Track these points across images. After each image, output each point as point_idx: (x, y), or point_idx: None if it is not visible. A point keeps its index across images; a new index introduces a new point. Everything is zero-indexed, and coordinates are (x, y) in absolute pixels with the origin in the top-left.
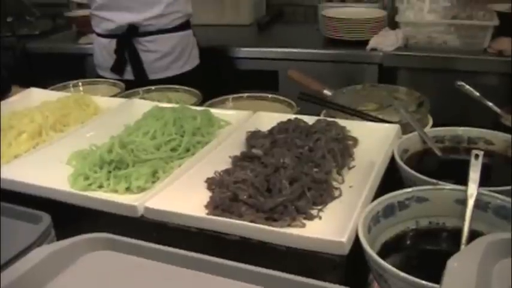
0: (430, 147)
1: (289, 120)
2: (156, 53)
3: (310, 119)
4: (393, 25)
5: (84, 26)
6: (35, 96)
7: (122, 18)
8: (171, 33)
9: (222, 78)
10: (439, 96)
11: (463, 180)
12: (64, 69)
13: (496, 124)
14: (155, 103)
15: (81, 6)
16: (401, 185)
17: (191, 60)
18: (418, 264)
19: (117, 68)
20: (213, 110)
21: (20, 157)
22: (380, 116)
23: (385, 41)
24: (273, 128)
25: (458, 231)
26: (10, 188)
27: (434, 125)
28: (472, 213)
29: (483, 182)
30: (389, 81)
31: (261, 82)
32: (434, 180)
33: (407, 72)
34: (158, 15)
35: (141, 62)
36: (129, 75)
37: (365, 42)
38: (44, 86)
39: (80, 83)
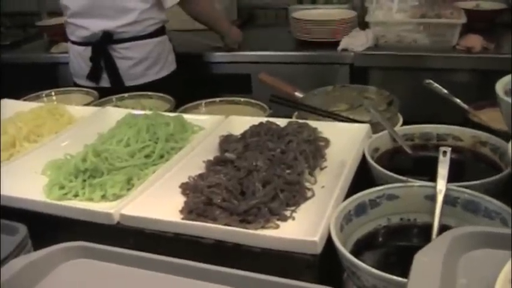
0: (400, 145)
1: (261, 123)
2: (131, 60)
3: (282, 122)
4: (363, 25)
5: (56, 35)
6: (8, 108)
7: (96, 25)
8: (146, 40)
9: (197, 83)
10: (410, 94)
11: (434, 176)
12: (37, 79)
13: (465, 120)
14: (128, 111)
15: (52, 15)
16: (373, 184)
17: (167, 66)
18: (390, 261)
19: (93, 76)
20: (186, 116)
21: None
22: (351, 116)
23: (356, 42)
24: (245, 132)
25: (428, 227)
26: None
27: (405, 123)
28: (441, 208)
29: (452, 178)
30: (361, 81)
31: (234, 85)
32: (404, 178)
33: (378, 72)
34: (132, 22)
35: (116, 69)
36: (105, 82)
37: (336, 43)
38: (17, 96)
39: (53, 93)
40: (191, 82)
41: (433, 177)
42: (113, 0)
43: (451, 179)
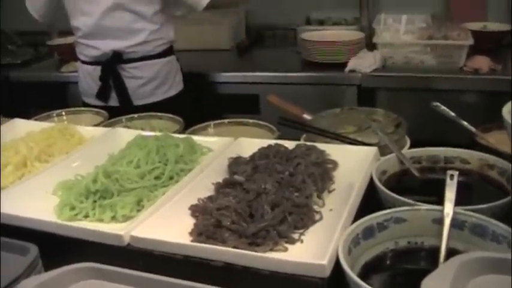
0: (408, 168)
1: (269, 145)
2: (140, 79)
3: (290, 144)
4: (371, 47)
5: (66, 54)
6: (19, 127)
7: (107, 45)
8: (155, 60)
9: (205, 103)
10: (417, 115)
11: (442, 199)
12: (47, 97)
13: (472, 143)
14: (138, 132)
15: (62, 34)
16: (380, 206)
17: (175, 86)
18: (398, 284)
19: (102, 95)
20: (195, 137)
21: (6, 189)
22: (359, 138)
23: (364, 63)
24: (254, 154)
25: (436, 250)
26: None
27: (413, 144)
28: (448, 232)
29: (460, 201)
30: (369, 102)
31: (242, 106)
32: (411, 201)
33: (386, 93)
34: (141, 42)
35: (125, 88)
36: (114, 101)
37: (344, 64)
38: (27, 115)
39: (64, 112)
40: (199, 102)
41: (440, 200)
42: (123, 22)
43: (459, 202)
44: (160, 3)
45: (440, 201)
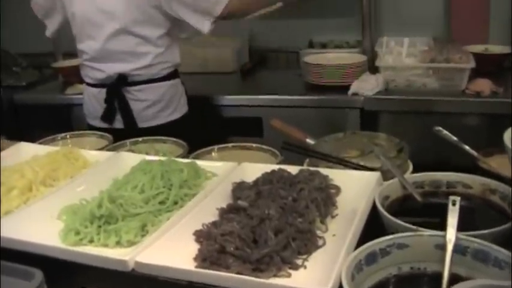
0: (411, 193)
1: (273, 171)
2: (145, 102)
3: (293, 169)
4: (373, 70)
5: (71, 76)
6: (24, 151)
7: (112, 68)
8: (160, 83)
9: (209, 126)
10: (420, 138)
11: (444, 223)
12: (51, 120)
13: (474, 167)
14: (143, 156)
15: (67, 56)
16: (383, 231)
17: (180, 108)
18: None
19: (107, 117)
20: (200, 162)
21: (11, 213)
22: (362, 163)
23: (366, 86)
24: (257, 179)
25: (439, 276)
26: (2, 245)
27: (415, 167)
28: (451, 257)
29: (462, 226)
30: (371, 125)
31: (246, 128)
32: (414, 227)
33: (388, 116)
34: (147, 65)
35: (130, 110)
36: (118, 123)
37: (347, 87)
38: (32, 137)
39: (68, 135)
40: (203, 124)
41: (443, 225)
42: (128, 45)
43: (461, 227)
44: (165, 27)
45: (442, 226)
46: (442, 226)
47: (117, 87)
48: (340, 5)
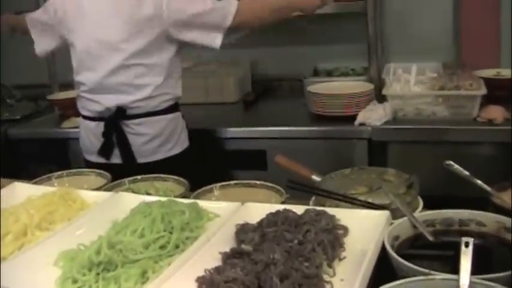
0: (422, 232)
1: (278, 211)
2: (144, 136)
3: (299, 209)
4: (381, 98)
5: (67, 109)
6: (19, 192)
7: (110, 100)
8: (160, 116)
9: (211, 159)
10: (430, 170)
11: (457, 264)
12: (47, 154)
13: (487, 202)
14: (142, 197)
15: (63, 88)
16: (393, 273)
17: (180, 143)
18: None
19: (105, 152)
20: (201, 203)
21: (5, 261)
22: (370, 199)
23: (373, 115)
24: (262, 221)
25: None
26: None
27: (426, 203)
28: None
29: (476, 266)
30: (380, 156)
31: (249, 162)
32: (426, 270)
33: (397, 146)
34: (147, 97)
35: (129, 145)
36: (116, 158)
37: (353, 117)
38: (27, 173)
39: (65, 174)
40: (204, 159)
41: (456, 266)
42: (129, 77)
43: (475, 268)
44: (169, 54)
45: (456, 267)
46: (455, 267)
47: (115, 121)
48: (345, 31)
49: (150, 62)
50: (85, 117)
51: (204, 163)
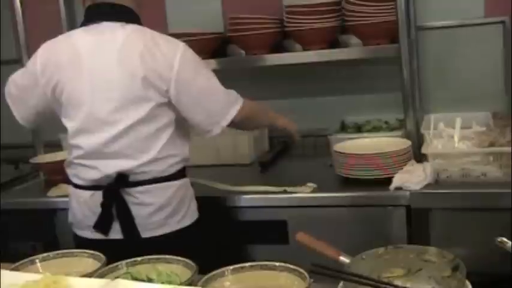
0: None
1: None
2: (150, 207)
3: None
4: (420, 157)
5: (54, 174)
6: None
7: (110, 166)
8: (168, 182)
9: (222, 232)
10: (480, 242)
11: None
12: (30, 228)
13: None
14: (142, 285)
15: (49, 149)
16: None
17: (190, 214)
18: None
19: (102, 226)
20: None
21: None
22: (408, 284)
23: (412, 178)
24: None
25: None
26: None
27: (475, 286)
28: None
29: None
30: (421, 226)
31: (268, 234)
32: None
33: (441, 214)
34: (152, 159)
35: (132, 217)
36: (115, 233)
37: (388, 181)
38: (7, 250)
39: (51, 256)
40: (216, 231)
41: None
42: (133, 140)
43: None
44: (174, 115)
45: None
46: None
47: (115, 189)
48: (376, 78)
49: (157, 125)
50: (77, 186)
51: (215, 236)
